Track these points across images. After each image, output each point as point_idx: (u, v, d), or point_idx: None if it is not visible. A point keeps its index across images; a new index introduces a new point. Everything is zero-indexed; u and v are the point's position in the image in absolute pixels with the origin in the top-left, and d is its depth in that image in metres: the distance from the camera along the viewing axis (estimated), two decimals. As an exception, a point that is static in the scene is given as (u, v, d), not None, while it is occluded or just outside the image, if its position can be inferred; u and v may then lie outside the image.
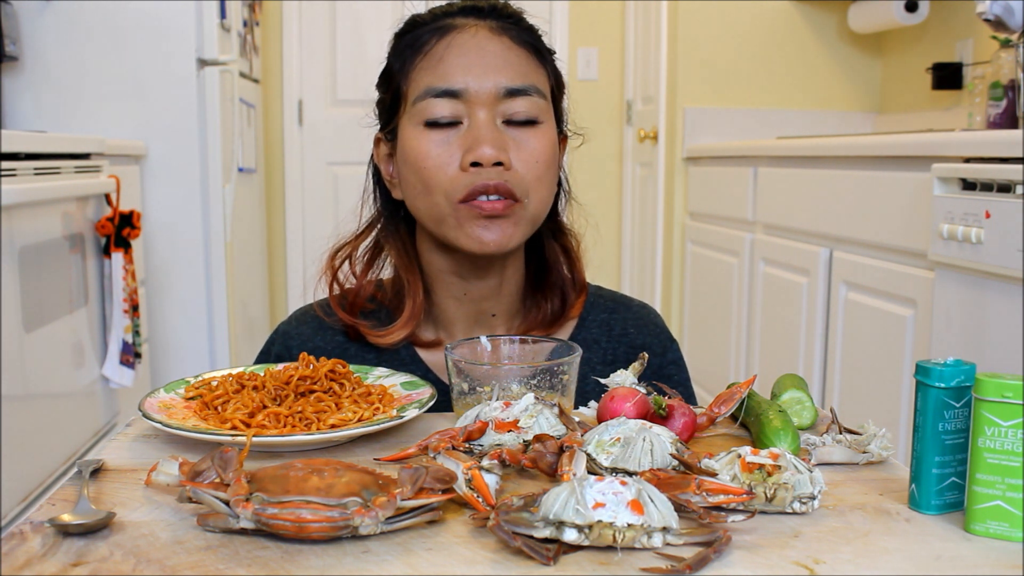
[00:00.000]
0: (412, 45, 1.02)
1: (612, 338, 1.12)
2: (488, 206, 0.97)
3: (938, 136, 1.90)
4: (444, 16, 1.03)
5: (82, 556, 0.62)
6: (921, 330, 1.92)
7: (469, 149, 0.97)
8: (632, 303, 1.17)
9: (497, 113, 0.99)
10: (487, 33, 1.01)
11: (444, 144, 0.99)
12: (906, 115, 3.28)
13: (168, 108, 2.84)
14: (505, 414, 0.82)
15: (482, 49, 1.00)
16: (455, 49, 0.99)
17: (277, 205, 4.17)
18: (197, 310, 2.95)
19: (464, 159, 0.97)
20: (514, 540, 0.62)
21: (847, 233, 2.24)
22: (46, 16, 2.74)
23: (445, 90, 0.98)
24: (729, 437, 0.91)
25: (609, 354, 1.12)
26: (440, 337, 1.10)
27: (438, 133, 0.99)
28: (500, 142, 0.98)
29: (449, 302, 1.09)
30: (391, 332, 1.07)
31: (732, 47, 3.42)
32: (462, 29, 1.01)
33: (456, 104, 0.98)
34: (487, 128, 0.98)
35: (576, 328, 1.13)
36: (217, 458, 0.69)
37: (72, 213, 2.21)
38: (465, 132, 0.99)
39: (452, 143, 0.98)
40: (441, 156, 0.98)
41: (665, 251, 3.56)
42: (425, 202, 1.01)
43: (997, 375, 0.67)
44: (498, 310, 1.10)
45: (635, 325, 1.14)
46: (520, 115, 1.00)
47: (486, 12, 1.04)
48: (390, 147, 1.07)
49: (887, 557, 0.63)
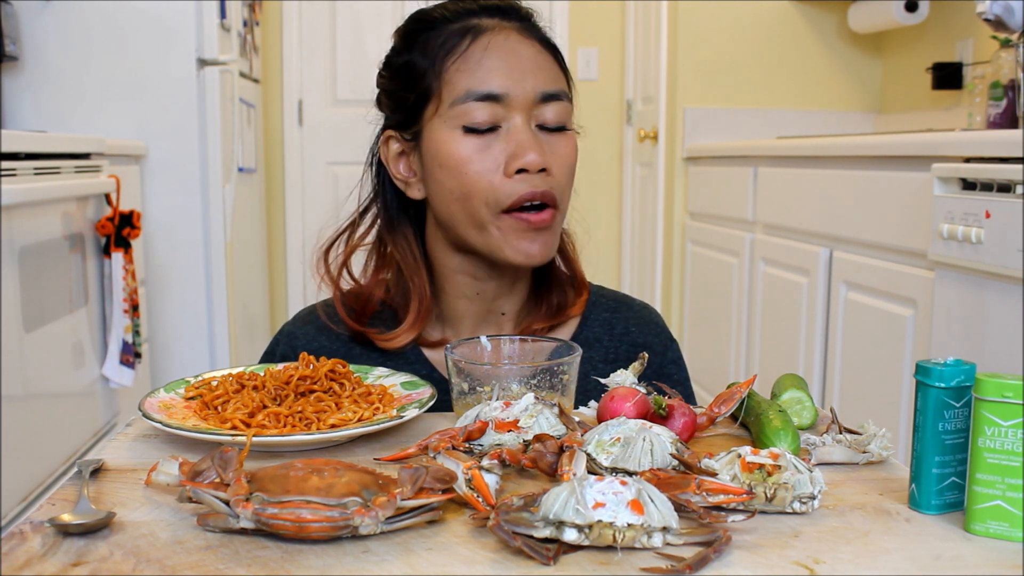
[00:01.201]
0: (443, 45, 0.99)
1: (614, 337, 1.13)
2: (536, 219, 0.97)
3: (938, 136, 1.90)
4: (467, 15, 1.01)
5: (82, 556, 0.62)
6: (921, 330, 1.92)
7: (514, 155, 0.96)
8: (634, 303, 1.18)
9: (531, 118, 0.99)
10: (518, 36, 1.00)
11: (484, 150, 0.97)
12: (906, 115, 3.28)
13: (168, 108, 2.84)
14: (505, 414, 0.82)
15: (518, 53, 0.99)
16: (494, 51, 0.98)
17: (277, 205, 4.17)
18: (197, 310, 2.95)
19: (509, 165, 0.96)
20: (514, 540, 0.62)
21: (847, 233, 2.24)
22: (46, 16, 2.74)
23: (487, 94, 0.97)
24: (729, 437, 0.91)
25: (611, 352, 1.12)
26: (447, 336, 1.10)
27: (477, 138, 0.98)
28: (542, 147, 0.97)
29: (460, 301, 1.08)
30: (397, 335, 1.06)
31: (732, 47, 3.42)
32: (494, 31, 0.99)
33: (496, 108, 0.97)
34: (529, 133, 0.97)
35: (579, 327, 1.13)
36: (217, 458, 0.69)
37: (72, 213, 2.21)
38: (506, 137, 0.97)
39: (492, 148, 0.97)
40: (484, 162, 0.97)
41: (665, 251, 3.56)
42: (463, 208, 0.99)
43: (997, 375, 0.67)
44: (508, 308, 1.10)
45: (636, 324, 1.14)
46: (552, 121, 0.99)
47: (509, 12, 1.02)
48: (406, 146, 1.05)
49: (887, 557, 0.63)
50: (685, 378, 1.16)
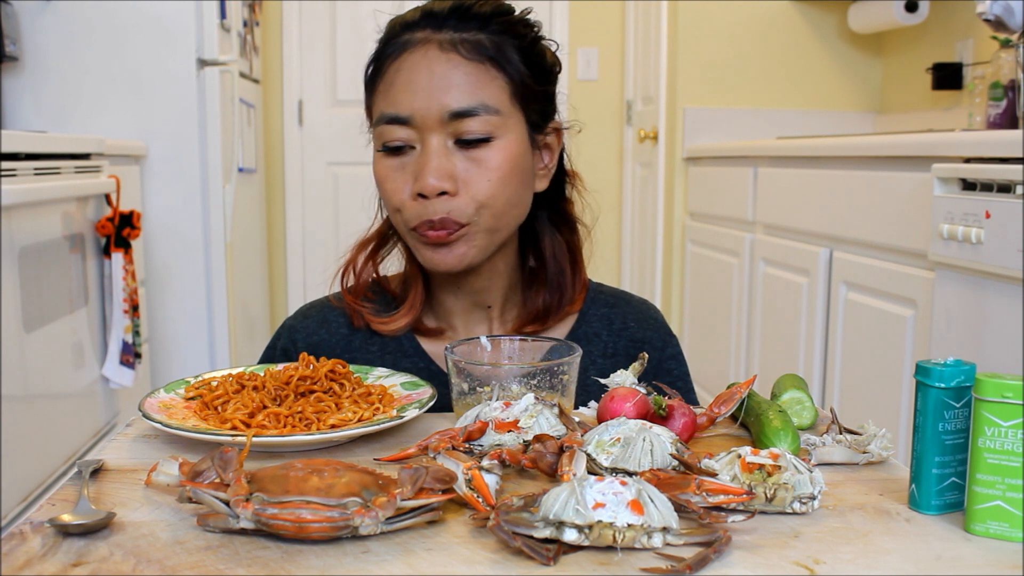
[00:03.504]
0: (375, 63, 1.04)
1: (613, 332, 1.14)
2: (432, 235, 1.00)
3: (938, 136, 1.90)
4: (405, 28, 1.03)
5: (82, 556, 0.62)
6: (921, 330, 1.92)
7: (414, 179, 0.99)
8: (632, 299, 1.19)
9: (448, 135, 0.99)
10: (436, 52, 1.00)
11: (399, 169, 1.01)
12: (906, 115, 3.28)
13: (168, 108, 2.84)
14: (505, 414, 0.82)
15: (429, 71, 0.99)
16: (403, 73, 1.00)
17: (277, 205, 4.17)
18: (197, 310, 2.95)
19: (413, 188, 1.00)
20: (514, 540, 0.62)
21: (847, 233, 2.24)
22: (46, 16, 2.74)
23: (394, 117, 1.00)
24: (729, 437, 0.91)
25: (610, 348, 1.13)
26: (441, 326, 1.13)
27: (394, 158, 1.02)
28: (444, 170, 0.98)
29: (447, 296, 1.12)
30: (394, 319, 1.11)
31: (732, 47, 3.42)
32: (414, 48, 1.01)
33: (407, 129, 1.00)
34: (435, 155, 0.99)
35: (577, 322, 1.14)
36: (217, 458, 0.69)
37: (72, 213, 2.21)
38: (417, 158, 1.00)
39: (406, 168, 1.01)
40: (397, 181, 1.01)
41: (665, 251, 3.56)
42: (392, 219, 1.06)
43: (997, 375, 0.67)
44: (493, 302, 1.12)
45: (635, 320, 1.15)
46: (471, 134, 0.99)
47: (443, 20, 1.01)
48: None
49: (887, 557, 0.63)
50: (685, 373, 1.17)
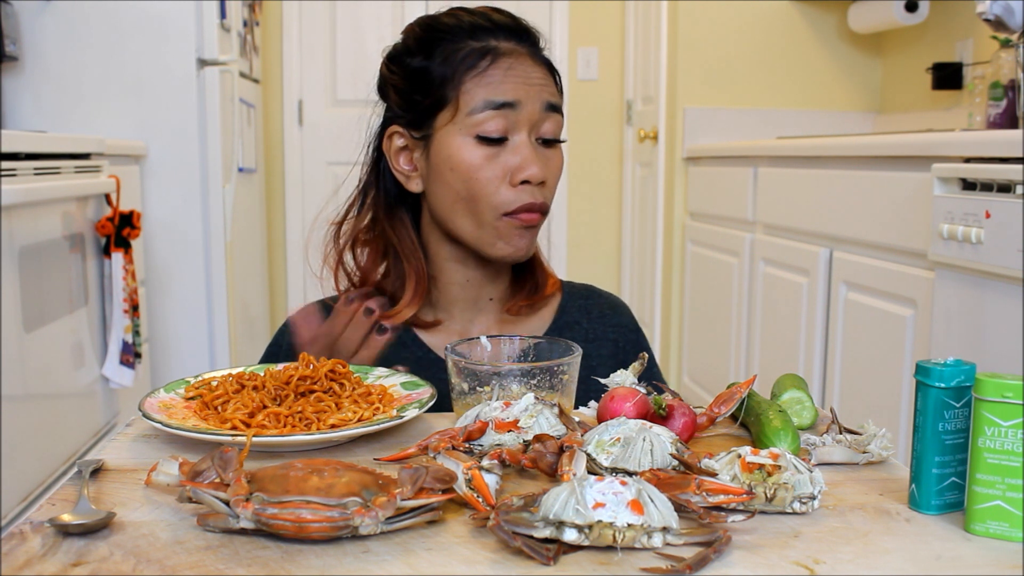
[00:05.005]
0: (464, 60, 1.09)
1: (592, 319, 1.25)
2: (528, 218, 1.10)
3: (938, 136, 1.90)
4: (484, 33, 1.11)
5: (82, 556, 0.62)
6: (921, 330, 1.92)
7: (519, 168, 1.08)
8: (602, 291, 1.30)
9: (534, 133, 1.10)
10: (530, 60, 1.12)
11: (493, 159, 1.09)
12: (906, 115, 3.28)
13: (168, 108, 2.84)
14: (505, 414, 0.82)
15: (529, 73, 1.10)
16: (512, 71, 1.10)
17: (277, 205, 4.17)
18: (197, 310, 2.95)
19: (515, 176, 1.09)
20: (514, 540, 0.62)
21: (847, 233, 2.24)
22: (46, 16, 2.74)
23: (504, 102, 1.08)
24: (729, 437, 0.91)
25: (591, 333, 1.23)
26: (440, 318, 1.19)
27: (488, 148, 1.08)
28: (542, 162, 1.10)
29: (452, 288, 1.18)
30: (396, 312, 1.14)
31: (732, 47, 3.42)
32: (511, 55, 1.10)
33: (507, 119, 1.08)
34: (532, 149, 1.09)
35: (558, 312, 1.24)
36: (217, 458, 0.69)
37: (72, 213, 2.21)
38: (512, 150, 1.09)
39: (500, 159, 1.09)
40: (492, 170, 1.09)
41: (665, 251, 3.56)
42: (466, 208, 1.10)
43: (997, 375, 0.67)
44: (494, 294, 1.21)
45: (610, 308, 1.27)
46: (550, 134, 1.11)
47: (522, 37, 1.13)
48: (412, 143, 1.14)
49: (887, 557, 0.63)
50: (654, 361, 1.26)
